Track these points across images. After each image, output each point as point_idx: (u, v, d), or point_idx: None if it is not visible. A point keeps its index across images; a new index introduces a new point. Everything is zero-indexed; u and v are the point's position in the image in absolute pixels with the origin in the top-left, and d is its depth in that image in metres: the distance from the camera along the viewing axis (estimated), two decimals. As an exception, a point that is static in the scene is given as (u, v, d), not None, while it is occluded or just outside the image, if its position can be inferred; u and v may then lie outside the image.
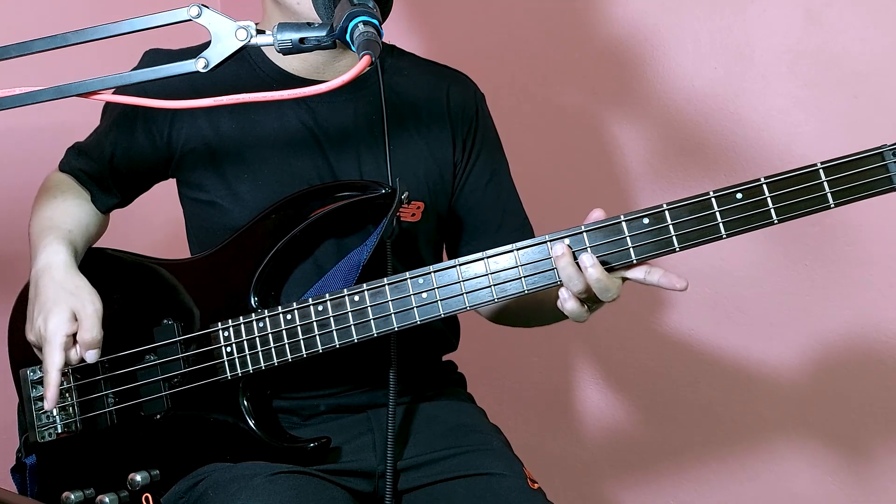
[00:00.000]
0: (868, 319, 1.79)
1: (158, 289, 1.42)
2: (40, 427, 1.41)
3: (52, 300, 1.32)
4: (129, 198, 1.55)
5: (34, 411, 1.41)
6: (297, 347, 1.32)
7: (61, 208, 1.46)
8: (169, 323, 1.39)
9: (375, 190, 1.34)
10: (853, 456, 1.85)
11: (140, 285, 1.42)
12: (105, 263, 1.47)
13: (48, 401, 1.30)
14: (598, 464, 2.18)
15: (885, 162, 1.15)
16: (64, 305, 1.32)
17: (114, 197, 1.52)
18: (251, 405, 1.37)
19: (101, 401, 1.41)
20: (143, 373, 1.39)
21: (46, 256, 1.37)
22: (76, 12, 2.14)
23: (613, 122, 2.00)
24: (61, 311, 1.31)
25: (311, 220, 1.36)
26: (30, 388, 1.42)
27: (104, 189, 1.51)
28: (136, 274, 1.41)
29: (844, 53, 1.72)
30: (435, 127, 1.50)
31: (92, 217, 1.49)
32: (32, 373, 1.42)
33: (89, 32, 1.08)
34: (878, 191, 1.16)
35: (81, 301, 1.33)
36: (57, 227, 1.42)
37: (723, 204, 1.19)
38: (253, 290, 1.36)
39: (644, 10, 1.93)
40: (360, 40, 1.06)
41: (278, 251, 1.36)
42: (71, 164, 1.52)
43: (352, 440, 1.42)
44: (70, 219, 1.45)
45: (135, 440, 1.40)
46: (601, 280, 1.20)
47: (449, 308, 1.27)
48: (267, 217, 1.38)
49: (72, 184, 1.51)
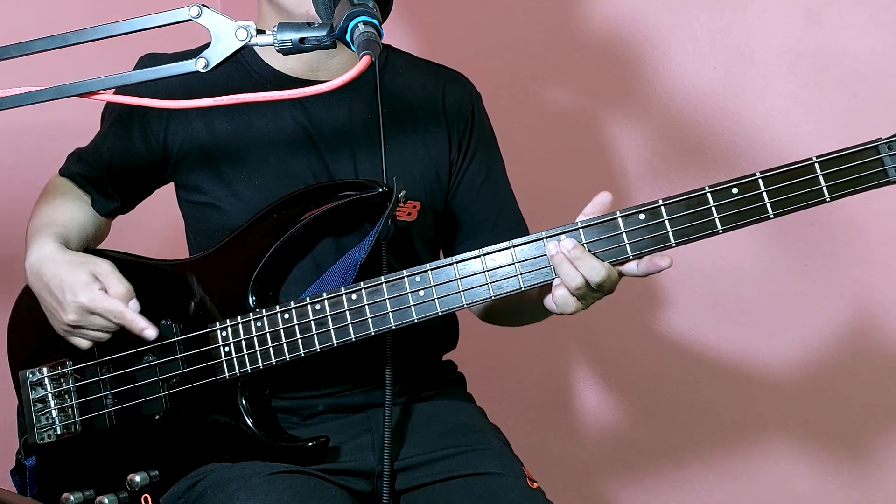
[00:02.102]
0: (868, 319, 1.79)
1: (156, 289, 1.42)
2: (40, 428, 1.41)
3: (67, 274, 1.33)
4: (129, 202, 1.55)
5: (33, 413, 1.41)
6: (294, 347, 1.32)
7: (59, 209, 1.46)
8: (167, 323, 1.39)
9: (372, 189, 1.34)
10: (853, 456, 1.85)
11: (138, 286, 1.41)
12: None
13: (149, 328, 1.32)
14: (598, 464, 2.18)
15: (880, 155, 1.16)
16: (80, 273, 1.33)
17: (114, 201, 1.52)
18: (250, 405, 1.37)
19: (100, 402, 1.41)
20: (141, 373, 1.39)
21: (38, 250, 1.38)
22: (76, 12, 2.14)
23: (613, 122, 2.00)
24: (83, 277, 1.32)
25: (307, 220, 1.36)
26: (29, 390, 1.42)
27: (103, 194, 1.51)
28: (133, 274, 1.40)
29: (844, 53, 1.72)
30: (431, 126, 1.50)
31: (90, 218, 1.50)
32: (31, 374, 1.42)
33: (89, 32, 1.08)
34: (874, 184, 1.17)
35: (93, 263, 1.35)
36: (51, 225, 1.42)
37: (719, 199, 1.20)
38: (251, 290, 1.36)
39: (644, 10, 1.93)
40: (360, 40, 1.06)
41: (276, 251, 1.36)
42: (70, 169, 1.52)
43: (351, 440, 1.42)
44: (66, 217, 1.45)
45: (134, 441, 1.40)
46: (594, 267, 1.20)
47: (446, 306, 1.27)
48: (264, 217, 1.38)
49: (71, 187, 1.51)
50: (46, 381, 1.41)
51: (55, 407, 1.41)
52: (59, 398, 1.41)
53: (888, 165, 1.16)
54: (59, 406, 1.41)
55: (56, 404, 1.41)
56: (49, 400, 1.41)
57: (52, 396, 1.41)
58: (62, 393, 1.41)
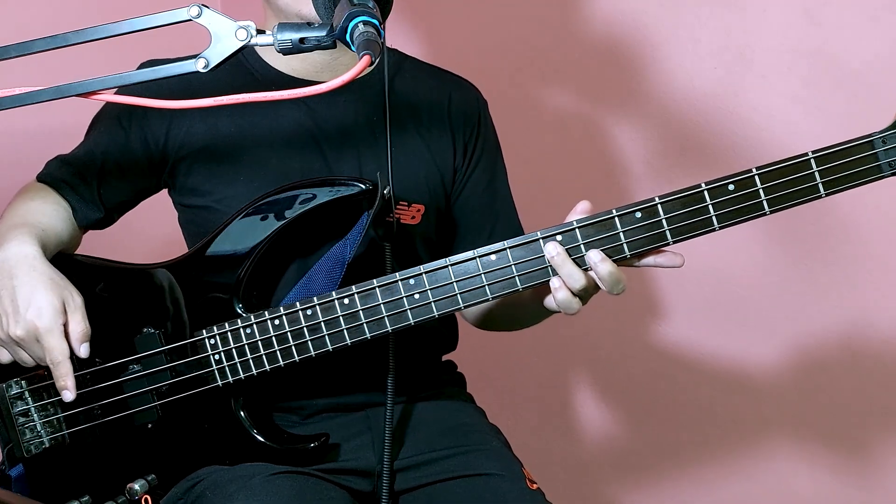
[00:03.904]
0: (868, 319, 1.79)
1: (134, 295, 1.36)
2: (25, 441, 1.35)
3: (41, 288, 1.25)
4: (110, 214, 1.48)
5: (16, 426, 1.35)
6: (288, 353, 1.31)
7: (38, 211, 1.39)
8: (150, 332, 1.34)
9: (357, 186, 1.32)
10: (853, 456, 1.86)
11: (114, 292, 1.36)
12: (74, 270, 1.35)
13: (69, 390, 1.25)
14: (598, 464, 2.18)
15: (874, 150, 1.16)
16: (54, 294, 1.25)
17: (95, 210, 1.45)
18: (247, 409, 1.35)
19: (88, 413, 1.36)
20: (129, 384, 1.34)
21: (17, 247, 1.29)
22: (76, 12, 2.14)
23: (613, 123, 2.00)
24: (55, 302, 1.25)
25: (290, 220, 1.32)
26: (9, 405, 1.35)
27: (86, 200, 1.45)
28: (109, 280, 1.35)
29: (844, 53, 1.72)
30: (436, 131, 1.50)
31: (67, 226, 1.42)
32: (9, 388, 1.35)
33: (89, 32, 1.08)
34: (869, 179, 1.17)
35: (69, 291, 1.28)
36: (30, 225, 1.34)
37: (715, 196, 1.20)
38: (237, 294, 1.33)
39: (644, 11, 1.93)
40: (359, 40, 1.06)
41: (261, 252, 1.33)
42: (52, 175, 1.46)
43: (351, 439, 1.42)
44: (44, 219, 1.37)
45: (129, 449, 1.36)
46: (612, 273, 1.20)
47: (443, 308, 1.26)
48: (249, 215, 1.34)
49: (50, 192, 1.45)
50: (27, 395, 1.35)
51: (39, 420, 1.35)
52: (43, 410, 1.35)
53: (882, 160, 1.16)
54: (43, 419, 1.35)
55: (41, 417, 1.35)
56: (32, 413, 1.35)
57: (35, 409, 1.35)
58: (46, 405, 1.35)
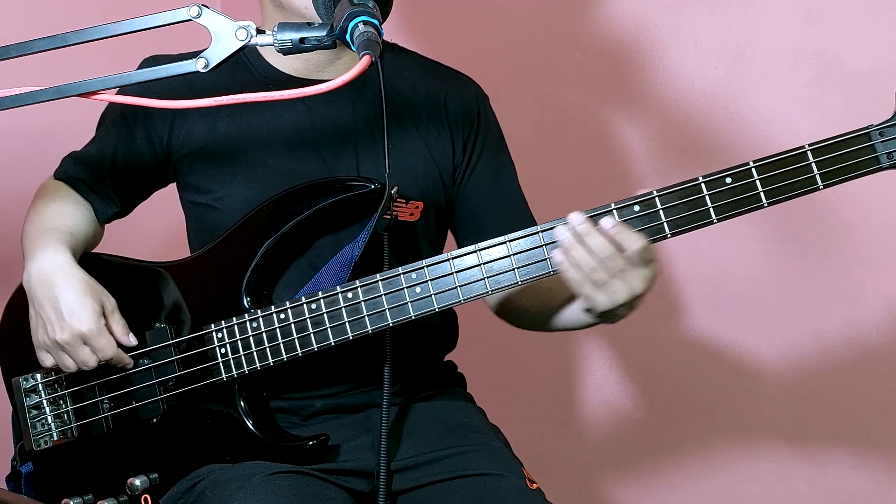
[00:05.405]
0: (868, 319, 1.79)
1: (149, 292, 1.41)
2: (35, 435, 1.39)
3: (81, 294, 1.32)
4: (126, 207, 1.54)
5: (28, 420, 1.39)
6: (291, 346, 1.32)
7: (62, 214, 1.44)
8: (161, 326, 1.38)
9: (365, 186, 1.33)
10: (853, 456, 1.85)
11: (131, 289, 1.40)
12: (94, 267, 1.41)
13: (130, 364, 1.36)
14: (598, 464, 2.18)
15: (872, 142, 1.17)
16: (93, 299, 1.33)
17: (112, 206, 1.51)
18: (248, 405, 1.37)
19: (96, 407, 1.40)
20: (137, 377, 1.38)
21: (52, 256, 1.35)
22: (76, 12, 2.14)
23: (614, 123, 2.00)
24: (94, 305, 1.33)
25: (300, 218, 1.35)
26: (23, 397, 1.40)
27: (103, 197, 1.49)
28: (126, 278, 1.39)
29: (844, 53, 1.72)
30: (433, 127, 1.50)
31: (90, 224, 1.48)
32: (25, 381, 1.39)
33: (89, 32, 1.08)
34: (866, 170, 1.18)
35: (104, 294, 1.36)
36: (58, 231, 1.40)
37: (712, 188, 1.20)
38: (245, 290, 1.36)
39: (644, 10, 1.93)
40: (360, 40, 1.06)
41: (269, 250, 1.36)
42: (68, 174, 1.50)
43: (350, 440, 1.41)
44: (70, 223, 1.43)
45: (132, 444, 1.39)
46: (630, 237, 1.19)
47: (443, 301, 1.27)
48: (257, 215, 1.37)
49: (70, 191, 1.49)
50: (41, 388, 1.39)
51: (51, 413, 1.39)
52: (54, 404, 1.40)
53: (880, 152, 1.17)
54: (54, 412, 1.39)
55: (51, 410, 1.39)
56: (44, 406, 1.39)
57: (46, 402, 1.39)
58: (57, 399, 1.40)
